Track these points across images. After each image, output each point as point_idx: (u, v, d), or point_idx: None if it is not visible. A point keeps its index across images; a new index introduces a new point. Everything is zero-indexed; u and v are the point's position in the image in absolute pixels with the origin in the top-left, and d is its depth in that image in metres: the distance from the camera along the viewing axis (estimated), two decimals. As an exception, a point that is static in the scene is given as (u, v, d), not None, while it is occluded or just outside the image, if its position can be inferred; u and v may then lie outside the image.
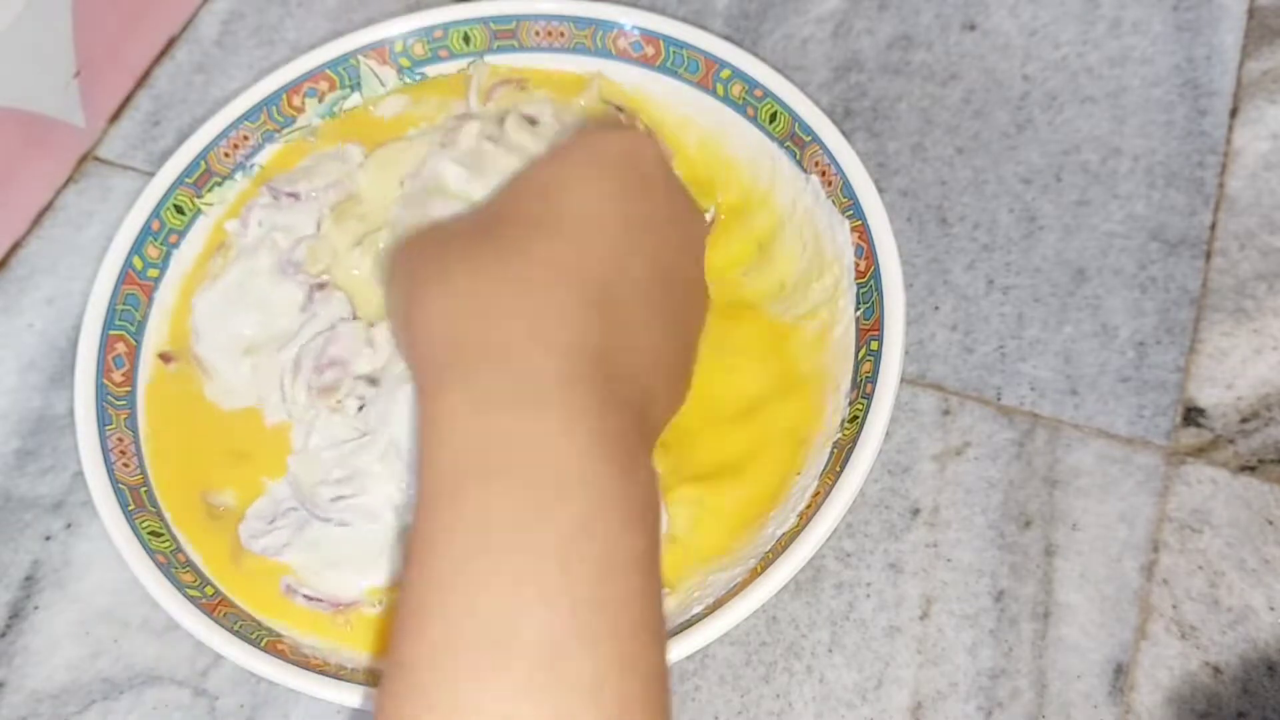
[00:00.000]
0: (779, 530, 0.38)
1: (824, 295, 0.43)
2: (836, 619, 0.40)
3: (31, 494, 0.43)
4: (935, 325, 0.45)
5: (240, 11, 0.55)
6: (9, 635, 0.41)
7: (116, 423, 0.41)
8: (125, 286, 0.43)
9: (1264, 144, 0.47)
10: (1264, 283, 0.45)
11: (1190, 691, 0.38)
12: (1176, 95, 0.49)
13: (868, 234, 0.41)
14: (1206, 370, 0.43)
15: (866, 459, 0.37)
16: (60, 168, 0.50)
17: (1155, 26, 0.51)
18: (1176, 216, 0.46)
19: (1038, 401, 0.43)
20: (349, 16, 0.54)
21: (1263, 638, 0.39)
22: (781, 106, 0.45)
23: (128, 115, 0.52)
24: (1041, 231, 0.46)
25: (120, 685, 0.40)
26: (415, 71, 0.49)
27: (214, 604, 0.38)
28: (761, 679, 0.39)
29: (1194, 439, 0.42)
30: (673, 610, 0.37)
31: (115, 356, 0.42)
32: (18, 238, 0.49)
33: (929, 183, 0.48)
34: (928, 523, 0.41)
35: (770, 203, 0.45)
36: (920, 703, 0.38)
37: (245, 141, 0.47)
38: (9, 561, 0.42)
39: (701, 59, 0.46)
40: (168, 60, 0.54)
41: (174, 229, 0.45)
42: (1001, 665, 0.39)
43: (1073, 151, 0.48)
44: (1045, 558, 0.40)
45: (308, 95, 0.48)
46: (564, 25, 0.48)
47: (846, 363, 0.41)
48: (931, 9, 0.52)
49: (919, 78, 0.50)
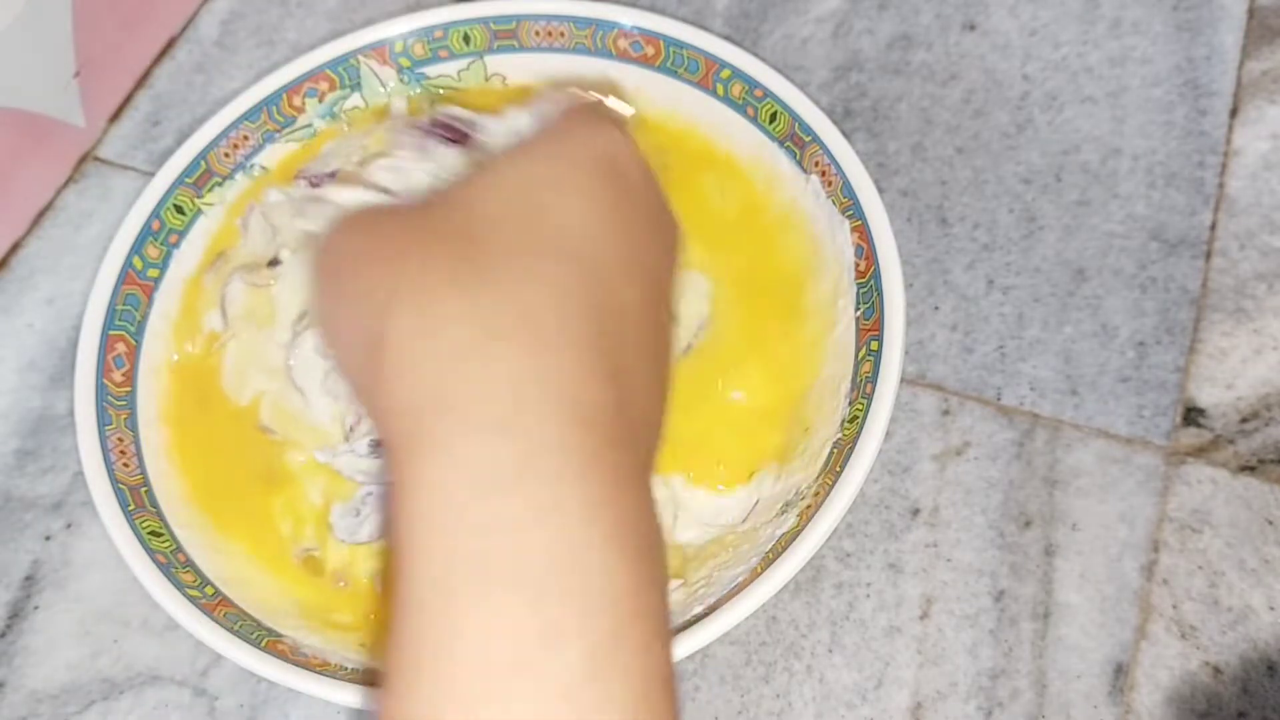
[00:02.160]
0: (779, 530, 0.38)
1: (824, 295, 0.43)
2: (836, 619, 0.40)
3: (31, 494, 0.43)
4: (935, 325, 0.45)
5: (240, 11, 0.55)
6: (9, 635, 0.41)
7: (116, 423, 0.41)
8: (125, 286, 0.43)
9: (1264, 144, 0.47)
10: (1264, 283, 0.45)
11: (1190, 691, 0.38)
12: (1176, 95, 0.49)
13: (868, 234, 0.41)
14: (1206, 370, 0.43)
15: (866, 459, 0.37)
16: (60, 168, 0.50)
17: (1155, 26, 0.51)
18: (1176, 216, 0.46)
19: (1038, 401, 0.43)
20: (349, 16, 0.54)
21: (1263, 638, 0.39)
22: (781, 106, 0.45)
23: (128, 115, 0.52)
24: (1041, 231, 0.46)
25: (120, 685, 0.40)
26: (415, 71, 0.49)
27: (214, 604, 0.38)
28: (761, 679, 0.39)
29: (1194, 439, 0.42)
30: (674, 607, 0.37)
31: (115, 356, 0.42)
32: (18, 238, 0.49)
33: (929, 183, 0.48)
34: (928, 523, 0.41)
35: (770, 203, 0.45)
36: (920, 703, 0.38)
37: (245, 141, 0.47)
38: (9, 561, 0.42)
39: (701, 59, 0.46)
40: (168, 60, 0.54)
41: (174, 229, 0.45)
42: (1001, 665, 0.39)
43: (1073, 151, 0.48)
44: (1045, 558, 0.40)
45: (308, 95, 0.48)
46: (564, 25, 0.48)
47: (846, 363, 0.41)
48: (931, 9, 0.52)
49: (919, 78, 0.50)
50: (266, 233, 0.45)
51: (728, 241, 0.45)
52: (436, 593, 0.22)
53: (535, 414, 0.23)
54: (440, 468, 0.23)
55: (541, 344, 0.24)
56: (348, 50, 0.48)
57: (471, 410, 0.23)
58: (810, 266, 0.44)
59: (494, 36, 0.48)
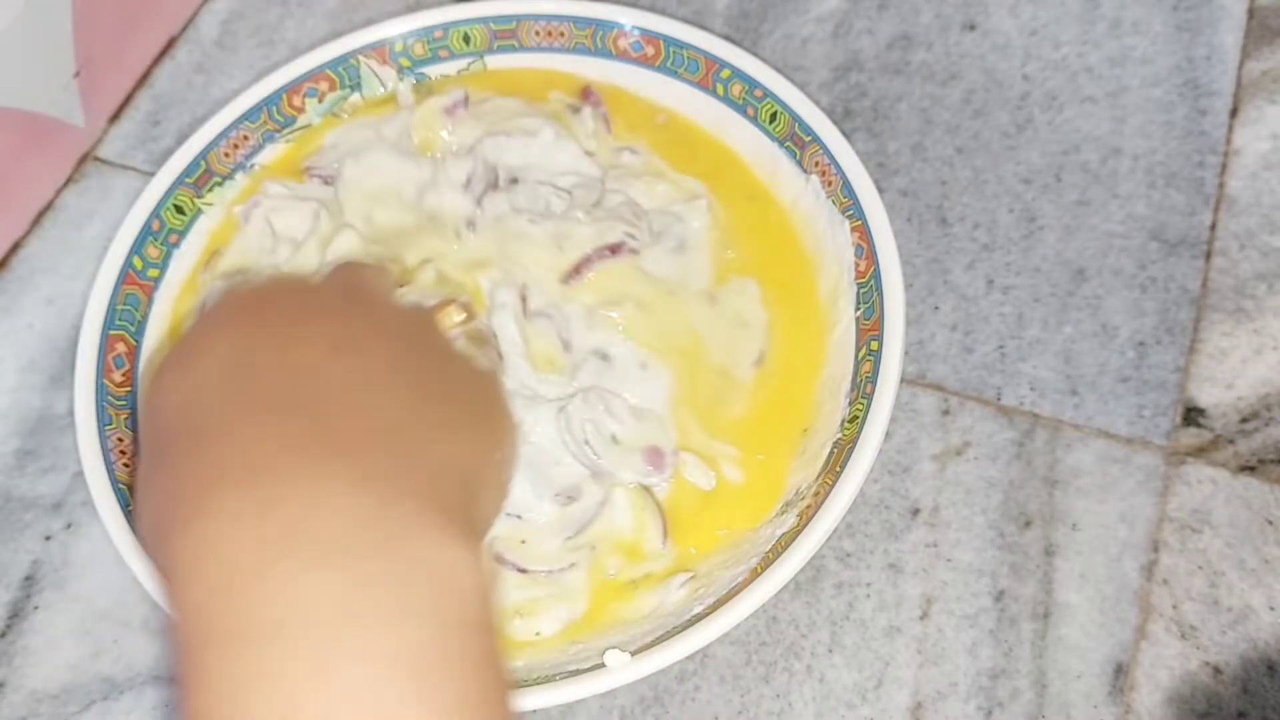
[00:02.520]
0: (779, 530, 0.38)
1: (824, 295, 0.43)
2: (836, 619, 0.40)
3: (31, 494, 0.43)
4: (935, 325, 0.45)
5: (240, 11, 0.55)
6: (9, 635, 0.41)
7: (116, 423, 0.41)
8: (125, 286, 0.43)
9: (1264, 144, 0.47)
10: (1264, 283, 0.45)
11: (1190, 691, 0.38)
12: (1176, 95, 0.49)
13: (868, 234, 0.41)
14: (1206, 370, 0.43)
15: (866, 459, 0.37)
16: (60, 168, 0.50)
17: (1155, 26, 0.51)
18: (1176, 216, 0.46)
19: (1038, 401, 0.43)
20: (349, 16, 0.54)
21: (1263, 638, 0.39)
22: (781, 106, 0.45)
23: (128, 115, 0.52)
24: (1041, 231, 0.46)
25: (120, 685, 0.40)
26: (415, 71, 0.49)
27: (214, 604, 0.38)
28: (761, 679, 0.39)
29: (1194, 439, 0.42)
30: (675, 607, 0.37)
31: (115, 356, 0.42)
32: (18, 238, 0.49)
33: (929, 183, 0.48)
34: (928, 523, 0.41)
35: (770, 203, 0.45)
36: (920, 703, 0.38)
37: (245, 141, 0.47)
38: (9, 561, 0.42)
39: (701, 59, 0.46)
40: (168, 60, 0.54)
41: (174, 229, 0.45)
42: (1001, 665, 0.39)
43: (1073, 151, 0.48)
44: (1045, 558, 0.40)
45: (308, 95, 0.48)
46: (564, 25, 0.48)
47: (846, 363, 0.41)
48: (931, 9, 0.52)
49: (919, 78, 0.50)
50: (265, 234, 0.45)
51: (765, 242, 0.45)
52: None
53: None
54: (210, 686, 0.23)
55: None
56: (348, 50, 0.48)
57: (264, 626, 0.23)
58: (812, 266, 0.44)
59: (494, 36, 0.48)
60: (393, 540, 0.24)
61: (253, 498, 0.24)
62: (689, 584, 0.38)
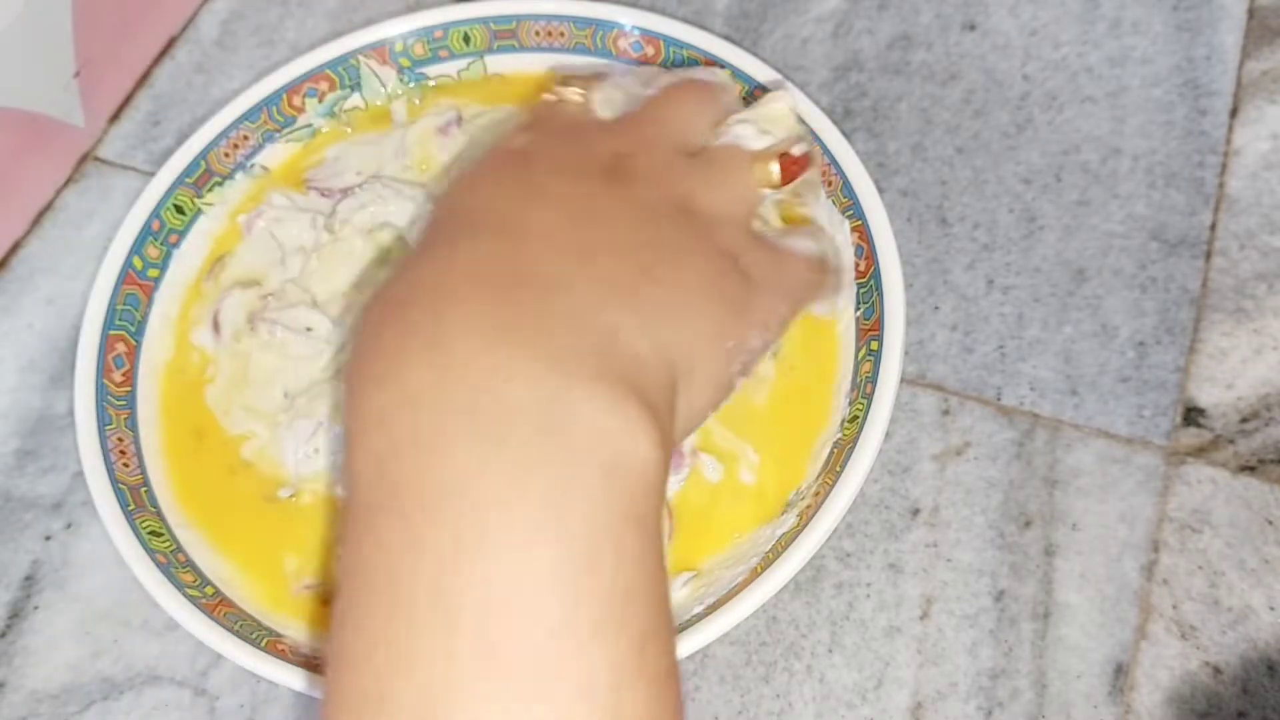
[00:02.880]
0: (779, 530, 0.38)
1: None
2: (836, 619, 0.40)
3: (31, 494, 0.43)
4: (935, 325, 0.45)
5: (240, 11, 0.55)
6: (9, 635, 0.41)
7: (116, 423, 0.41)
8: (125, 286, 0.43)
9: (1264, 144, 0.47)
10: (1264, 283, 0.45)
11: (1190, 691, 0.38)
12: (1176, 95, 0.49)
13: (868, 234, 0.41)
14: (1206, 370, 0.43)
15: (866, 459, 0.37)
16: (60, 168, 0.50)
17: (1155, 26, 0.51)
18: (1176, 216, 0.46)
19: (1038, 401, 0.43)
20: (349, 16, 0.54)
21: (1263, 638, 0.39)
22: (781, 106, 0.45)
23: (128, 115, 0.52)
24: (1041, 231, 0.46)
25: (120, 685, 0.40)
26: (415, 71, 0.49)
27: (214, 604, 0.38)
28: (761, 679, 0.39)
29: (1194, 439, 0.42)
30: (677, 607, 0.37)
31: (115, 356, 0.42)
32: (18, 238, 0.49)
33: (929, 183, 0.48)
34: (928, 523, 0.41)
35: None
36: (920, 703, 0.38)
37: (245, 141, 0.47)
38: (9, 561, 0.42)
39: (701, 59, 0.46)
40: (168, 60, 0.54)
41: (174, 229, 0.45)
42: (1001, 665, 0.39)
43: (1073, 151, 0.48)
44: (1045, 558, 0.40)
45: (308, 95, 0.48)
46: (564, 25, 0.48)
47: (846, 363, 0.41)
48: (931, 9, 0.52)
49: (919, 78, 0.50)
50: (270, 245, 0.45)
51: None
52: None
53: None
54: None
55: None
56: (348, 50, 0.48)
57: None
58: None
59: (494, 36, 0.48)
60: (569, 424, 0.24)
61: (435, 366, 0.24)
62: (691, 583, 0.38)
